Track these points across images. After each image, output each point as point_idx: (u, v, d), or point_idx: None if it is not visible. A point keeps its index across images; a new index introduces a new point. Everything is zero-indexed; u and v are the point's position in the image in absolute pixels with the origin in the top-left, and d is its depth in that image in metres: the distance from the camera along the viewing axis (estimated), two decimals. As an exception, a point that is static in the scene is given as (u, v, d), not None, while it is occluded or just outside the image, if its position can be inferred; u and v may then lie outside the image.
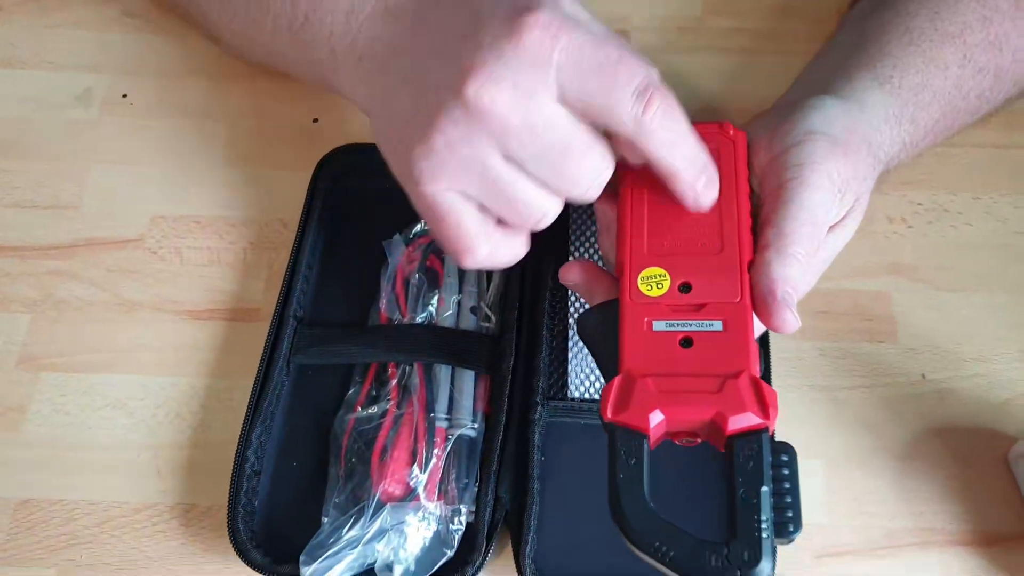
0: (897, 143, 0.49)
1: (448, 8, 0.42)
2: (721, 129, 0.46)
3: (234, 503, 0.48)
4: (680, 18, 0.69)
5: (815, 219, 0.42)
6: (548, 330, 0.53)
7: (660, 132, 0.39)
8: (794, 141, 0.44)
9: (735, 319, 0.40)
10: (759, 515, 0.34)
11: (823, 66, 0.53)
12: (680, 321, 0.40)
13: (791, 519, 0.35)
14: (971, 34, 0.51)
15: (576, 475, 0.50)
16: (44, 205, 0.61)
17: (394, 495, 0.48)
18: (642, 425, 0.37)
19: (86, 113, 0.65)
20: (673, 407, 0.37)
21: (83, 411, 0.54)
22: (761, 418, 0.36)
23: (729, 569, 0.33)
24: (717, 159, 0.44)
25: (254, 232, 0.60)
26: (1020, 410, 0.53)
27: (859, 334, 0.55)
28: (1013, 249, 0.58)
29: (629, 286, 0.42)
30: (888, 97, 0.48)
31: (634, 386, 0.38)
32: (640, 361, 0.39)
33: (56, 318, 0.57)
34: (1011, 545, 0.49)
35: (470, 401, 0.51)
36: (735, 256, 0.42)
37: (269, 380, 0.52)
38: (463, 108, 0.38)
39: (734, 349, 0.39)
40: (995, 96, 0.54)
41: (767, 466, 0.35)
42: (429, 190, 0.41)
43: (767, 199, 0.43)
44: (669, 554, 0.34)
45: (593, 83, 0.38)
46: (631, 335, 0.40)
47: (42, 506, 0.51)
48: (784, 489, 0.35)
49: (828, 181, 0.42)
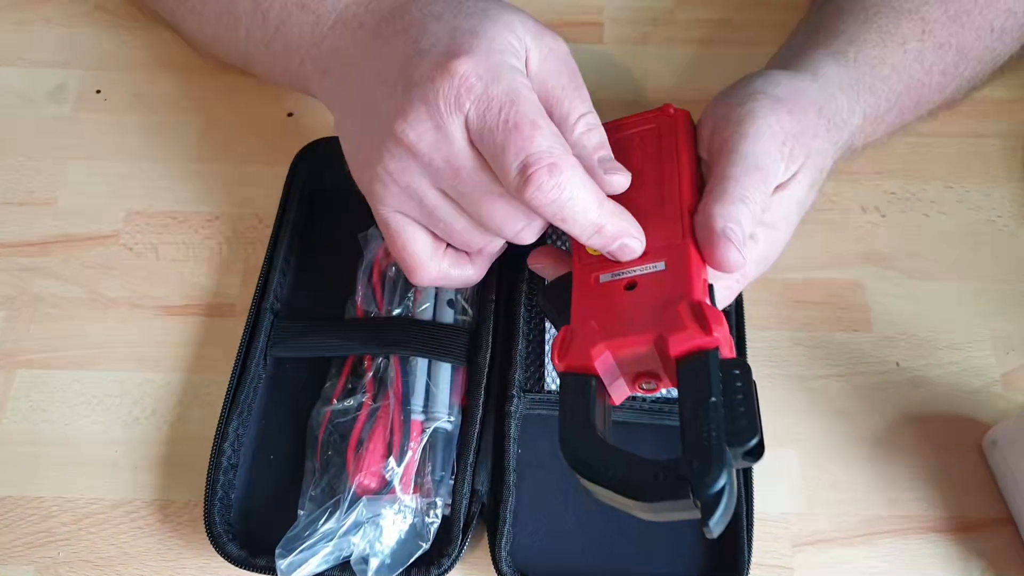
0: (857, 113, 0.49)
1: (396, 31, 0.44)
2: (661, 111, 0.48)
3: (211, 496, 0.48)
4: (652, 9, 0.69)
5: (758, 165, 0.42)
6: (525, 322, 0.53)
7: (543, 209, 0.40)
8: (737, 103, 0.45)
9: (676, 256, 0.40)
10: (707, 424, 0.33)
11: (785, 50, 0.54)
12: (624, 270, 0.41)
13: (745, 426, 0.33)
14: (929, 10, 0.51)
15: (553, 467, 0.50)
16: (19, 202, 0.60)
17: (369, 488, 0.48)
18: (587, 363, 0.37)
19: (60, 109, 0.64)
20: (614, 339, 0.37)
21: (60, 408, 0.54)
22: (704, 335, 0.36)
23: (678, 483, 0.32)
24: (656, 136, 0.46)
25: (230, 227, 0.59)
26: (994, 397, 0.53)
27: (833, 323, 0.56)
28: (986, 237, 0.59)
29: (577, 250, 0.43)
30: (843, 69, 0.49)
31: (578, 331, 0.39)
32: (587, 312, 0.40)
33: (32, 315, 0.56)
34: (986, 531, 0.50)
35: (446, 394, 0.51)
36: (676, 207, 0.43)
37: (246, 373, 0.52)
38: (396, 144, 0.41)
39: (676, 281, 0.39)
40: (961, 72, 0.54)
41: (716, 380, 0.35)
42: (382, 209, 0.44)
43: (712, 159, 0.44)
44: (617, 477, 0.34)
45: (490, 143, 0.39)
46: (579, 291, 0.42)
47: (19, 503, 0.51)
48: (737, 400, 0.34)
49: (769, 131, 0.43)
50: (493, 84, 0.39)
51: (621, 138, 0.48)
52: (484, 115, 0.39)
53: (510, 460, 0.49)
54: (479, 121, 0.39)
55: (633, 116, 0.49)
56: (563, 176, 0.39)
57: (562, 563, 0.48)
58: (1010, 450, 0.49)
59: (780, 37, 0.57)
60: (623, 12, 0.69)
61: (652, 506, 0.33)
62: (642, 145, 0.47)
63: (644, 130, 0.48)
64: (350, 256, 0.56)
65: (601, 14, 0.69)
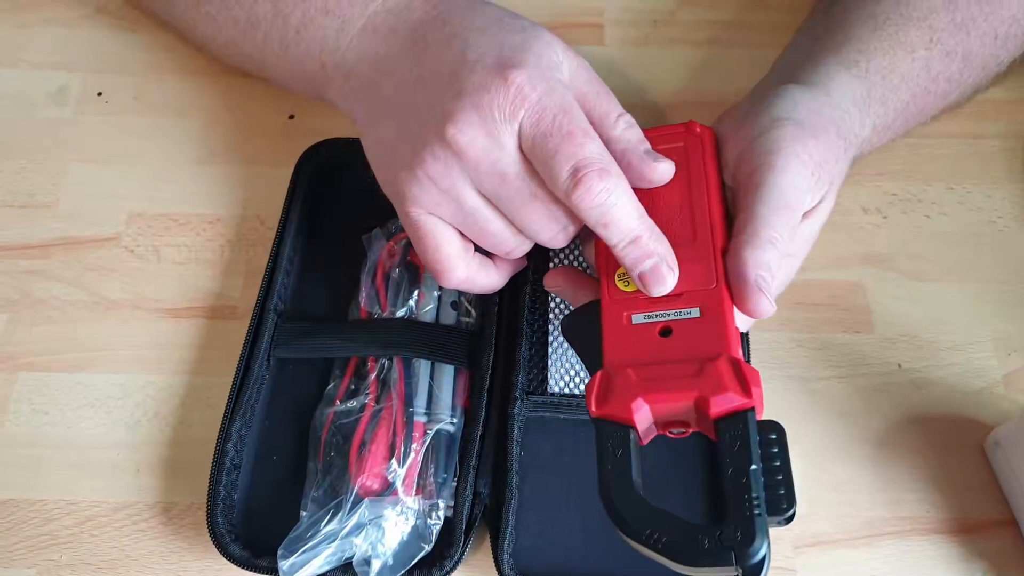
0: (867, 126, 0.49)
1: (438, 41, 0.46)
2: (687, 128, 0.47)
3: (213, 497, 0.48)
4: (654, 11, 0.69)
5: (788, 202, 0.42)
6: (528, 325, 0.53)
7: (589, 211, 0.41)
8: (761, 130, 0.44)
9: (712, 305, 0.40)
10: (749, 494, 0.34)
11: (791, 55, 0.53)
12: (658, 312, 0.41)
13: (783, 496, 0.34)
14: (937, 18, 0.51)
15: (555, 470, 0.50)
16: (20, 204, 0.60)
17: (372, 489, 0.48)
18: (626, 416, 0.37)
19: (61, 111, 0.64)
20: (654, 394, 0.37)
21: (62, 410, 0.54)
22: (743, 397, 0.36)
23: (722, 551, 0.33)
24: (685, 157, 0.45)
25: (232, 229, 0.59)
26: (996, 398, 0.53)
27: (835, 325, 0.56)
28: (987, 238, 0.59)
29: (607, 284, 0.43)
30: (855, 80, 0.49)
31: (616, 378, 0.38)
32: (621, 354, 0.40)
33: (34, 317, 0.56)
34: (988, 533, 0.50)
35: (449, 396, 0.51)
36: (708, 244, 0.42)
37: (249, 374, 0.52)
38: (442, 147, 0.42)
39: (713, 333, 0.39)
40: (965, 79, 0.54)
41: (755, 445, 0.35)
42: (413, 211, 0.45)
43: (740, 189, 0.44)
44: (661, 540, 0.34)
45: (541, 149, 0.41)
46: (611, 330, 0.41)
47: (21, 506, 0.51)
48: (775, 467, 0.35)
49: (799, 163, 0.43)
50: (546, 96, 0.41)
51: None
52: (538, 123, 0.41)
53: (512, 462, 0.49)
54: (532, 129, 0.41)
55: (656, 129, 0.48)
56: (611, 181, 0.41)
57: (564, 565, 0.48)
58: (1012, 451, 0.49)
59: (781, 39, 0.57)
60: (624, 14, 0.69)
61: (694, 570, 0.34)
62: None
63: (671, 148, 0.47)
64: (354, 257, 0.56)
65: (602, 16, 0.69)
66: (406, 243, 0.55)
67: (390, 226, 0.57)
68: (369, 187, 0.60)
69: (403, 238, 0.56)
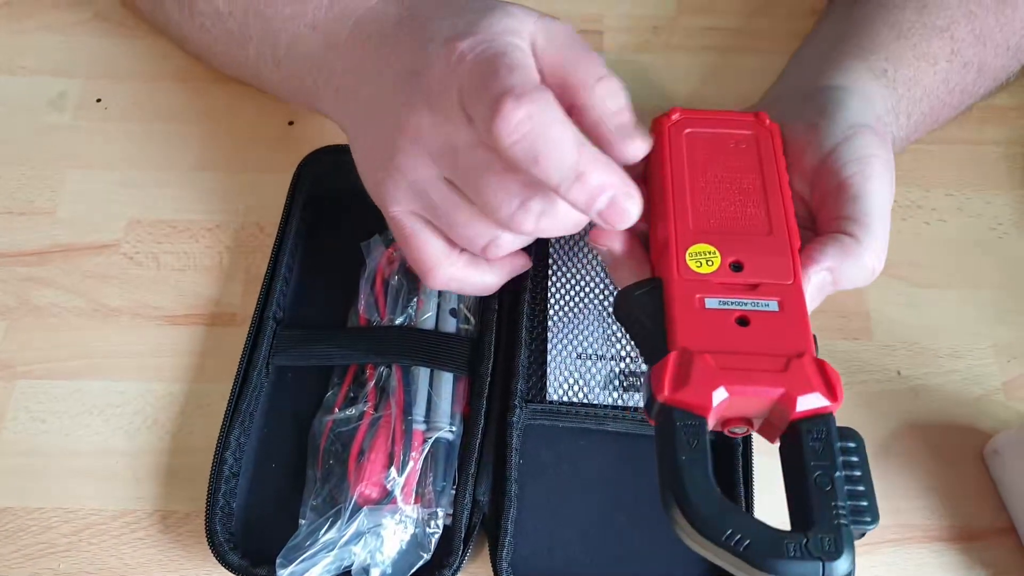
0: (894, 139, 0.49)
1: (404, 37, 0.44)
2: (758, 118, 0.45)
3: (212, 505, 0.48)
4: (654, 17, 0.69)
5: (886, 210, 0.42)
6: (527, 332, 0.53)
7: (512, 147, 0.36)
8: (843, 136, 0.43)
9: (791, 300, 0.38)
10: (836, 501, 0.32)
11: (812, 56, 0.52)
12: (734, 299, 0.38)
13: (866, 508, 0.33)
14: (958, 28, 0.51)
15: (554, 478, 0.50)
16: (18, 211, 0.60)
17: (371, 498, 0.47)
18: (704, 403, 0.34)
19: (60, 118, 0.64)
20: (738, 384, 0.35)
21: (60, 418, 0.53)
22: (829, 399, 0.34)
23: (810, 560, 0.31)
24: (755, 146, 0.44)
25: (231, 236, 0.59)
26: (995, 406, 0.53)
27: (834, 331, 0.56)
28: (986, 245, 0.59)
29: (677, 262, 0.39)
30: (885, 91, 0.49)
31: (693, 363, 0.35)
32: (696, 338, 0.37)
33: (32, 325, 0.56)
34: (988, 540, 0.50)
35: (448, 404, 0.51)
36: (784, 239, 0.40)
37: (248, 382, 0.52)
38: (404, 137, 0.41)
39: (794, 330, 0.37)
40: (977, 91, 0.54)
41: (838, 451, 0.33)
42: (393, 211, 0.44)
43: (829, 195, 0.42)
44: (744, 543, 0.31)
45: (470, 102, 0.38)
46: (683, 312, 0.38)
47: (19, 515, 0.51)
48: (856, 477, 0.33)
49: (888, 171, 0.42)
50: (484, 52, 0.38)
51: (713, 135, 0.45)
52: (470, 76, 0.38)
53: (511, 471, 0.49)
54: (468, 85, 0.38)
55: (723, 113, 0.46)
56: (535, 106, 0.35)
57: (563, 574, 0.48)
58: (1012, 459, 0.49)
59: (781, 45, 0.57)
60: (623, 20, 0.69)
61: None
62: (738, 152, 0.44)
63: (740, 135, 0.45)
64: (353, 264, 0.56)
65: (601, 22, 0.69)
66: (405, 250, 0.55)
67: (389, 233, 0.57)
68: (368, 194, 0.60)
69: (402, 245, 0.56)
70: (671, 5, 0.70)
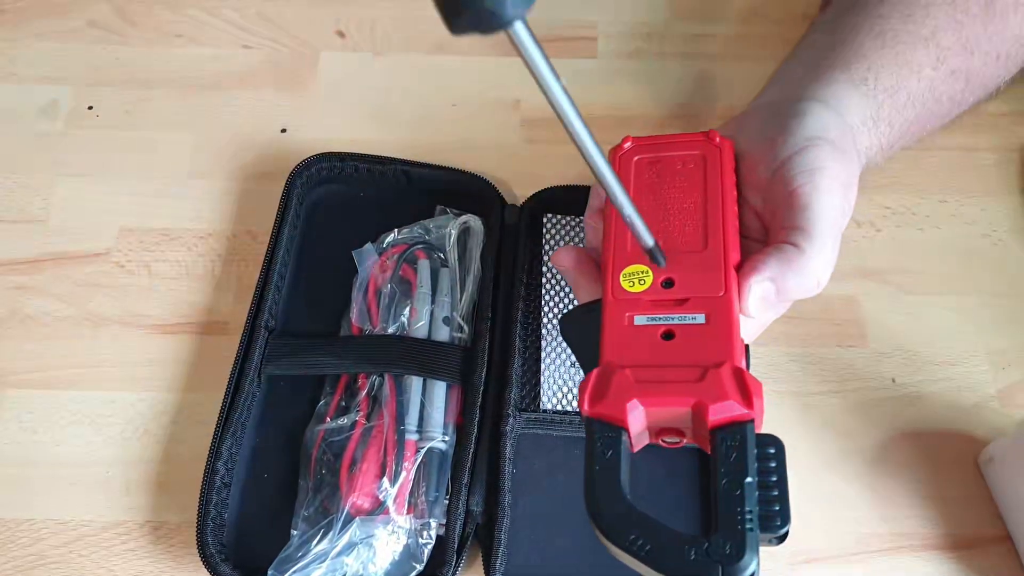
0: (874, 146, 0.49)
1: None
2: (707, 137, 0.46)
3: (203, 516, 0.48)
4: (647, 24, 0.69)
5: (834, 221, 0.41)
6: (521, 341, 0.53)
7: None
8: (797, 148, 0.43)
9: (718, 312, 0.39)
10: (742, 507, 0.32)
11: (796, 67, 0.52)
12: (662, 316, 0.39)
13: (778, 512, 0.33)
14: (944, 36, 0.51)
15: (548, 488, 0.50)
16: (10, 219, 0.60)
17: (363, 508, 0.47)
18: (620, 415, 0.35)
19: (52, 125, 0.64)
20: (652, 396, 0.36)
21: (50, 428, 0.53)
22: (744, 407, 0.35)
23: (709, 564, 0.32)
24: (702, 165, 0.44)
25: (223, 244, 0.59)
26: (990, 413, 0.53)
27: (829, 339, 0.55)
28: (981, 252, 0.58)
29: (611, 283, 0.41)
30: (864, 100, 0.48)
31: (612, 377, 0.37)
32: (620, 354, 0.38)
33: (23, 334, 0.56)
34: (984, 548, 0.49)
35: (441, 413, 0.51)
36: (719, 252, 0.41)
37: (239, 391, 0.51)
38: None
39: (717, 341, 0.38)
40: (966, 99, 0.54)
41: (752, 457, 0.34)
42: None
43: (779, 207, 0.42)
44: (645, 548, 0.32)
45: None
46: (612, 330, 0.39)
47: (9, 526, 0.50)
48: (771, 482, 0.33)
49: (839, 185, 0.42)
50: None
51: (661, 158, 0.46)
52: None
53: (505, 480, 0.48)
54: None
55: (673, 136, 0.47)
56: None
57: (557, 584, 0.48)
58: (1007, 467, 0.49)
59: (773, 52, 0.57)
60: (617, 27, 0.69)
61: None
62: (684, 172, 0.45)
63: (687, 155, 0.45)
64: (347, 272, 0.56)
65: (595, 29, 0.69)
66: (399, 258, 0.55)
67: (383, 240, 0.56)
68: (361, 202, 0.59)
69: (396, 253, 0.55)
70: (664, 12, 0.70)
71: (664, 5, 0.70)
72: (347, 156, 0.59)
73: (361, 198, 0.60)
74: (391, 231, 0.57)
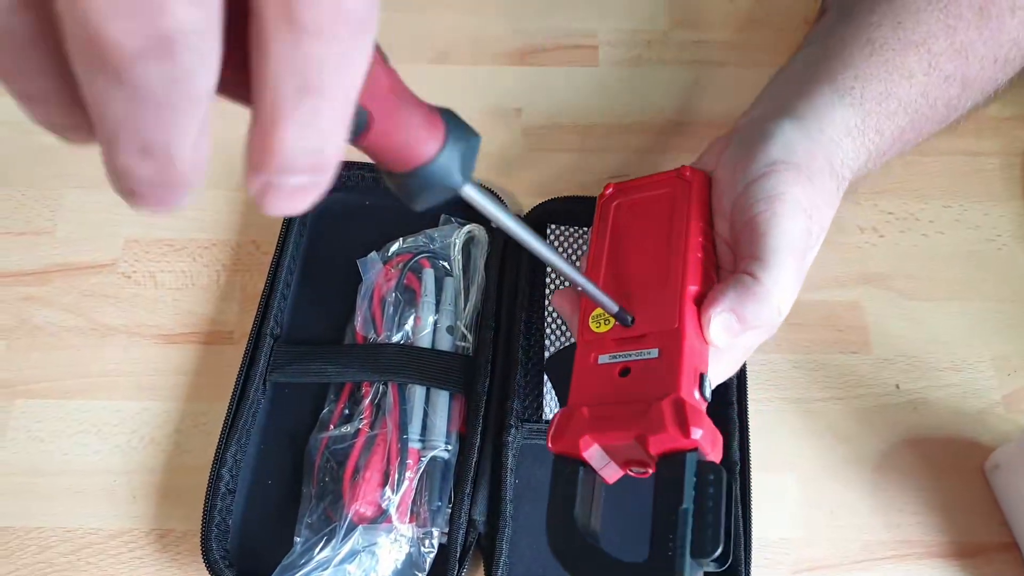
0: (862, 154, 0.49)
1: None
2: (677, 174, 0.46)
3: (208, 523, 0.48)
4: (647, 31, 0.69)
5: (794, 248, 0.41)
6: (524, 351, 0.53)
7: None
8: (758, 173, 0.43)
9: (670, 345, 0.40)
10: (673, 533, 0.34)
11: (784, 82, 0.53)
12: (622, 353, 0.41)
13: (710, 536, 0.34)
14: (935, 42, 0.50)
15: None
16: (17, 231, 0.61)
17: (366, 516, 0.47)
18: (575, 451, 0.37)
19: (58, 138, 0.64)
20: (600, 432, 0.37)
21: (58, 437, 0.54)
22: (681, 438, 0.35)
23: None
24: (670, 204, 0.45)
25: (227, 254, 0.60)
26: (996, 419, 0.53)
27: (832, 345, 0.55)
28: (985, 256, 0.58)
29: (583, 325, 0.43)
30: (849, 110, 0.48)
31: (572, 416, 0.38)
32: (582, 393, 0.40)
33: (31, 344, 0.57)
34: (989, 556, 0.49)
35: (444, 422, 0.51)
36: (677, 286, 0.42)
37: (245, 398, 0.52)
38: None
39: (666, 374, 0.39)
40: (963, 104, 0.53)
41: (688, 485, 0.35)
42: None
43: (741, 234, 0.43)
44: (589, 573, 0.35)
45: None
46: (580, 370, 0.41)
47: (18, 534, 0.51)
48: (707, 507, 0.34)
49: (800, 210, 0.42)
50: None
51: (636, 200, 0.47)
52: None
53: (507, 490, 0.48)
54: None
55: (648, 177, 0.48)
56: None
57: (559, 593, 0.48)
58: (1013, 473, 0.49)
59: (773, 58, 0.57)
60: (617, 35, 0.69)
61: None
62: (653, 212, 0.46)
63: (657, 195, 0.46)
64: (352, 280, 0.56)
65: (595, 37, 0.69)
66: (403, 267, 0.55)
67: (387, 249, 0.57)
68: (367, 210, 0.60)
69: (400, 261, 0.56)
70: (664, 20, 0.70)
71: (664, 13, 0.71)
72: (352, 164, 0.59)
73: (366, 207, 0.60)
74: (396, 240, 0.57)
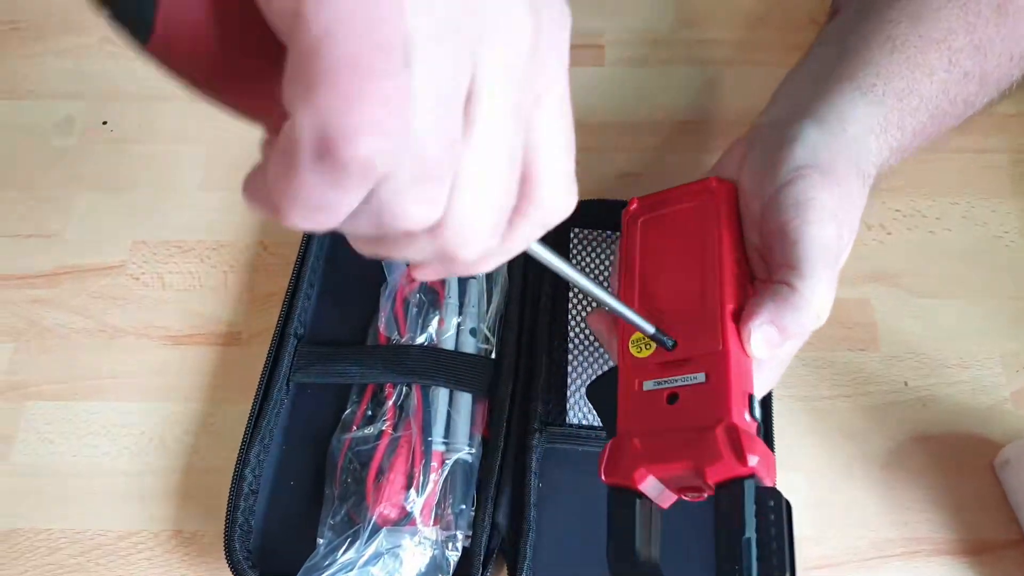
0: (885, 151, 0.48)
1: None
2: (704, 185, 0.45)
3: (231, 523, 0.48)
4: (654, 31, 0.69)
5: (827, 254, 0.41)
6: (547, 355, 0.52)
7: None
8: (784, 180, 0.42)
9: (716, 369, 0.39)
10: (739, 564, 0.33)
11: (803, 81, 0.52)
12: (667, 378, 0.40)
13: (776, 566, 0.33)
14: (955, 39, 0.50)
15: (573, 502, 0.50)
16: (26, 234, 0.61)
17: (390, 518, 0.47)
18: (630, 484, 0.37)
19: (67, 141, 0.64)
20: (655, 464, 0.37)
21: (68, 440, 0.54)
22: (739, 466, 0.35)
23: None
24: (700, 218, 0.44)
25: (235, 255, 0.60)
26: (1005, 416, 0.53)
27: (840, 342, 0.56)
28: (993, 253, 0.59)
29: (623, 350, 0.42)
30: (872, 107, 0.48)
31: (624, 447, 0.38)
32: (631, 422, 0.40)
33: (41, 346, 0.56)
34: (999, 553, 0.49)
35: (467, 425, 0.51)
36: (715, 306, 0.41)
37: (268, 398, 0.51)
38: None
39: (715, 399, 0.38)
40: (979, 101, 0.54)
41: (749, 514, 0.34)
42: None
43: (772, 243, 0.42)
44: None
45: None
46: (624, 397, 0.41)
47: (28, 536, 0.51)
48: (770, 536, 0.34)
49: (829, 215, 0.41)
50: None
51: (664, 216, 0.46)
52: None
53: (531, 494, 0.48)
54: None
55: (674, 190, 0.47)
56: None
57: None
58: (1023, 470, 0.49)
59: (780, 58, 0.57)
60: (623, 34, 0.69)
61: None
62: (682, 227, 0.45)
63: (684, 208, 0.45)
64: (375, 280, 0.56)
65: (602, 37, 0.69)
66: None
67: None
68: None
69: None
70: (670, 19, 0.70)
71: (670, 12, 0.71)
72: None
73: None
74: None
